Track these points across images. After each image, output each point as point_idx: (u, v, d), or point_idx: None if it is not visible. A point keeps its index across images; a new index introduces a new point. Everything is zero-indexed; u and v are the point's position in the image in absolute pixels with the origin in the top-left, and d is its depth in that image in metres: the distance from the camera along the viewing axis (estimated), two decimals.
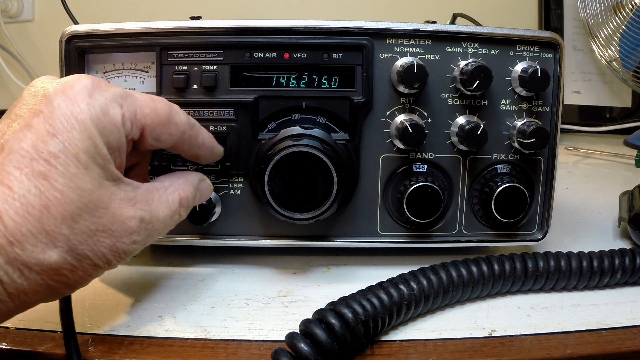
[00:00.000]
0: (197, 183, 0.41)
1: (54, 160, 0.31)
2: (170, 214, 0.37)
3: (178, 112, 0.38)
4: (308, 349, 0.34)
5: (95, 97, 0.33)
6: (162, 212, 0.37)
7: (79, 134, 0.32)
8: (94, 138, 0.32)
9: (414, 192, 0.46)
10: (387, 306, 0.38)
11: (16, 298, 0.30)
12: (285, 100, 0.47)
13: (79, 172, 0.31)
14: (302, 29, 0.46)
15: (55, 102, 0.32)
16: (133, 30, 0.47)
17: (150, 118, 0.36)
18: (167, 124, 0.37)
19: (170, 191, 0.38)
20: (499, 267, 0.44)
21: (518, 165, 0.49)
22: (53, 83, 0.34)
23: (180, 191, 0.39)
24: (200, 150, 0.42)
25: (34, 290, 0.31)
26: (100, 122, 0.33)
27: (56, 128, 0.31)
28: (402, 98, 0.48)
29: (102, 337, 0.38)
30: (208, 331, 0.40)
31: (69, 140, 0.31)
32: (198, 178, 0.41)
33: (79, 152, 0.32)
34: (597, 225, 0.60)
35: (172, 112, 0.38)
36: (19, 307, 0.31)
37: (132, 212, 0.34)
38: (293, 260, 0.51)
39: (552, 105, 0.49)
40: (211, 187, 0.44)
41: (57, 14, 1.00)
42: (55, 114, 0.32)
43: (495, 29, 0.48)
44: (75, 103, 0.32)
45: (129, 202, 0.34)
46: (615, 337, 0.39)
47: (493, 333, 0.40)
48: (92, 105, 0.33)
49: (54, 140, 0.31)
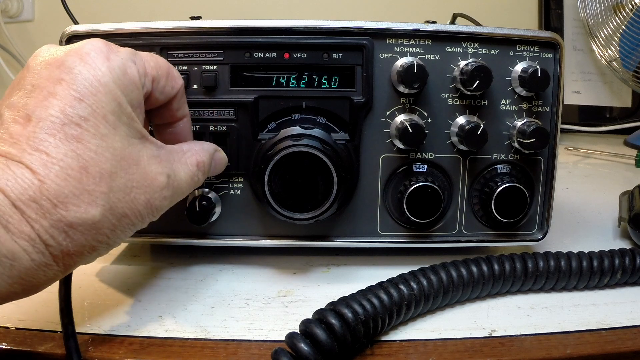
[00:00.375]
0: (212, 151, 0.43)
1: (84, 123, 0.32)
2: (191, 175, 0.39)
3: (173, 67, 0.41)
4: (308, 349, 0.34)
5: (112, 59, 0.35)
6: (183, 172, 0.38)
7: (104, 96, 0.33)
8: (118, 98, 0.34)
9: (414, 192, 0.46)
10: (387, 306, 0.38)
11: (60, 261, 0.31)
12: (285, 100, 0.47)
13: (109, 133, 0.33)
14: (302, 29, 0.46)
15: (76, 69, 0.33)
16: (133, 30, 0.47)
17: (156, 70, 0.38)
18: (169, 76, 0.39)
19: (189, 155, 0.40)
20: (499, 267, 0.44)
21: (518, 165, 0.49)
22: (64, 49, 0.35)
23: (197, 156, 0.40)
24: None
25: (78, 252, 0.32)
26: (122, 82, 0.34)
27: (82, 93, 0.32)
28: (402, 98, 0.48)
29: (102, 337, 0.38)
30: (208, 331, 0.40)
31: (96, 104, 0.33)
32: (214, 147, 0.43)
33: (107, 114, 0.33)
34: (597, 225, 0.60)
35: (170, 65, 0.40)
36: (63, 269, 0.32)
37: (160, 169, 0.36)
38: (293, 260, 0.51)
39: (552, 105, 0.49)
40: (225, 160, 0.45)
41: (57, 14, 1.00)
42: (78, 80, 0.33)
43: (495, 29, 0.48)
44: (96, 67, 0.34)
45: (155, 159, 0.36)
46: (615, 337, 0.39)
47: (493, 333, 0.40)
48: (112, 67, 0.34)
49: (82, 104, 0.32)
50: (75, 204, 0.31)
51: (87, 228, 0.32)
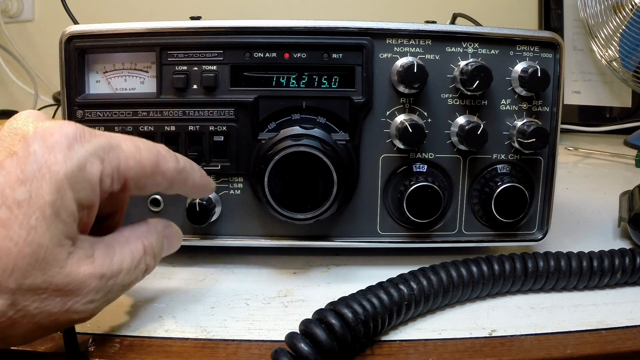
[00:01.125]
0: (161, 230, 0.38)
1: (16, 209, 0.29)
2: (135, 263, 0.35)
3: (166, 159, 0.36)
4: (308, 349, 0.34)
5: (74, 148, 0.31)
6: (126, 263, 0.34)
7: (48, 186, 0.30)
8: (63, 192, 0.30)
9: (414, 192, 0.46)
10: (387, 306, 0.38)
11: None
12: (285, 100, 0.47)
13: (38, 227, 0.29)
14: (302, 29, 0.46)
15: (32, 147, 0.31)
16: (133, 30, 0.47)
17: (134, 171, 0.34)
18: (153, 174, 0.35)
19: (132, 240, 0.35)
20: (499, 267, 0.44)
21: (518, 165, 0.49)
22: (35, 124, 0.32)
23: (143, 239, 0.36)
24: (190, 192, 0.40)
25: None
26: (75, 177, 0.31)
27: (26, 174, 0.30)
28: (402, 98, 0.48)
29: (102, 337, 0.38)
30: (208, 331, 0.40)
31: (37, 190, 0.30)
32: (162, 225, 0.38)
33: (45, 205, 0.30)
34: (597, 225, 0.60)
35: (159, 161, 0.36)
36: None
37: (91, 270, 0.32)
38: (293, 260, 0.51)
39: (552, 105, 0.49)
40: (180, 233, 0.40)
41: (57, 14, 1.00)
42: (30, 160, 0.30)
43: (495, 29, 0.48)
44: (52, 152, 0.31)
45: (88, 259, 0.32)
46: (615, 337, 0.39)
47: (493, 333, 0.40)
48: (70, 157, 0.31)
49: (22, 187, 0.29)
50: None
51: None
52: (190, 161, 0.39)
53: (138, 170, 0.34)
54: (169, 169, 0.36)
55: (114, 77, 0.48)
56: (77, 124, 0.33)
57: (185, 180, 0.38)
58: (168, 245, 0.39)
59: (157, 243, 0.37)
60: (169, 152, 0.37)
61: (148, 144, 0.36)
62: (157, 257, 0.37)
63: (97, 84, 0.48)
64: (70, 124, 0.32)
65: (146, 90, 0.48)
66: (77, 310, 0.31)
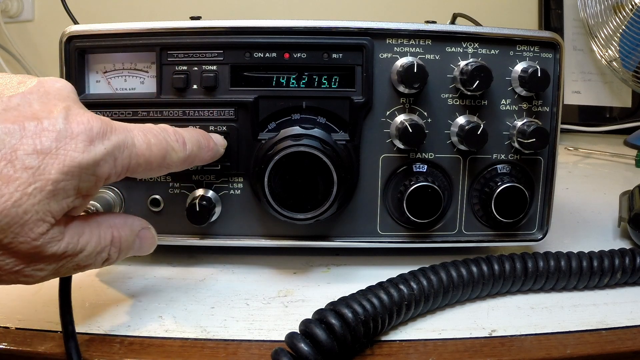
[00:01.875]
0: (136, 228, 0.38)
1: (20, 172, 0.30)
2: (98, 249, 0.34)
3: (174, 151, 0.38)
4: (308, 349, 0.34)
5: (95, 144, 0.32)
6: (90, 246, 0.34)
7: (59, 166, 0.31)
8: (70, 178, 0.31)
9: (414, 192, 0.46)
10: (387, 306, 0.38)
11: None
12: (285, 100, 0.47)
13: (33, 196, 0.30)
14: (302, 29, 0.46)
15: (58, 125, 0.31)
16: (133, 30, 0.47)
17: (142, 168, 0.35)
18: (159, 168, 0.37)
19: (104, 227, 0.35)
20: (499, 267, 0.44)
21: (518, 165, 0.49)
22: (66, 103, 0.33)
23: (114, 229, 0.36)
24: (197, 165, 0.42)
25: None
26: (87, 169, 0.32)
27: (44, 146, 0.31)
28: (402, 98, 0.48)
29: (102, 337, 0.38)
30: (208, 331, 0.40)
31: (47, 165, 0.30)
32: (139, 224, 0.38)
33: (49, 181, 0.30)
34: (597, 225, 0.60)
35: (167, 157, 0.37)
36: None
37: (55, 249, 0.32)
38: (293, 260, 0.51)
39: (552, 105, 0.49)
40: (155, 239, 0.40)
41: (57, 14, 1.00)
42: (52, 136, 0.31)
43: (495, 29, 0.48)
44: (75, 139, 0.32)
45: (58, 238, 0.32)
46: (615, 337, 0.39)
47: (493, 333, 0.40)
48: (89, 151, 0.32)
49: (34, 156, 0.30)
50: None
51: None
52: (197, 140, 0.40)
53: (145, 167, 0.36)
54: (174, 161, 0.38)
55: (114, 77, 0.48)
56: (102, 118, 0.34)
57: (191, 163, 0.40)
58: (139, 246, 0.38)
59: (128, 239, 0.37)
60: (177, 138, 0.38)
61: (159, 137, 0.37)
62: (123, 252, 0.37)
63: (97, 84, 0.48)
64: (97, 119, 0.33)
65: (146, 90, 0.48)
66: (25, 273, 0.31)
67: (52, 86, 0.34)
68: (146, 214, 0.48)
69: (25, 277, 0.32)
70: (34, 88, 0.33)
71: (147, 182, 0.48)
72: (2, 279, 0.31)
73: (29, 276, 0.32)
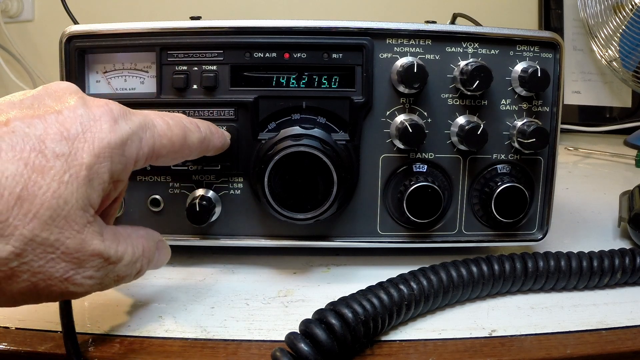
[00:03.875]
0: (157, 239, 0.38)
1: (53, 160, 0.29)
2: (134, 259, 0.34)
3: (192, 132, 0.38)
4: (308, 349, 0.34)
5: (119, 123, 0.32)
6: (128, 255, 0.34)
7: (90, 149, 0.30)
8: (102, 160, 0.31)
9: (414, 192, 0.46)
10: (387, 306, 0.38)
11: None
12: (285, 100, 0.47)
13: (70, 184, 0.29)
14: (302, 29, 0.46)
15: (79, 111, 0.31)
16: (133, 30, 0.47)
17: (166, 149, 0.36)
18: (181, 149, 0.37)
19: (134, 238, 0.35)
20: (499, 267, 0.44)
21: (518, 165, 0.49)
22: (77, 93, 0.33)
23: (143, 240, 0.36)
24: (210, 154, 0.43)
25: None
26: (116, 149, 0.32)
27: (70, 133, 0.30)
28: (402, 98, 0.48)
29: (102, 337, 0.38)
30: (208, 331, 0.40)
31: (77, 150, 0.30)
32: (157, 236, 0.38)
33: (82, 166, 0.30)
34: (597, 225, 0.60)
35: (187, 137, 0.37)
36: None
37: (101, 247, 0.31)
38: (293, 260, 0.51)
39: (552, 105, 0.49)
40: (169, 252, 0.40)
41: (57, 14, 1.00)
42: (76, 122, 0.31)
43: (495, 29, 0.48)
44: (98, 121, 0.31)
45: (100, 236, 0.32)
46: (615, 337, 0.39)
47: (493, 333, 0.40)
48: (114, 131, 0.32)
49: (63, 142, 0.30)
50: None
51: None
52: (207, 124, 0.41)
53: (169, 148, 0.36)
54: (194, 142, 0.38)
55: (114, 77, 0.48)
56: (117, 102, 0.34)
57: (207, 147, 0.41)
58: (157, 258, 0.38)
59: (152, 250, 0.37)
60: (191, 121, 0.39)
61: (175, 118, 0.37)
62: (150, 263, 0.37)
63: (97, 84, 0.48)
64: (113, 102, 0.33)
65: (146, 90, 0.48)
66: (75, 281, 0.31)
67: (58, 86, 0.34)
68: (146, 214, 0.49)
69: (74, 285, 0.31)
70: (41, 90, 0.33)
71: (147, 182, 0.48)
72: (52, 290, 0.30)
73: (78, 284, 0.31)
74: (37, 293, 0.30)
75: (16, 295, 0.29)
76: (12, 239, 0.28)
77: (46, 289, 0.30)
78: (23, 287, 0.29)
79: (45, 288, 0.30)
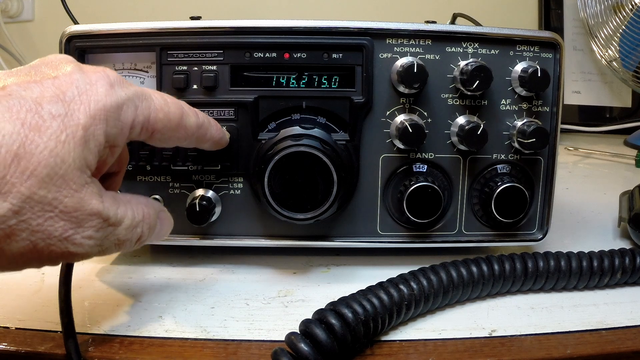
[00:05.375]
0: (158, 209, 0.38)
1: (50, 120, 0.29)
2: (134, 223, 0.34)
3: (188, 114, 0.38)
4: (308, 349, 0.34)
5: (115, 88, 0.33)
6: (128, 219, 0.34)
7: (86, 110, 0.31)
8: (98, 121, 0.31)
9: (414, 192, 0.46)
10: (387, 306, 0.38)
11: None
12: (285, 100, 0.47)
13: (67, 143, 0.29)
14: (302, 29, 0.46)
15: (75, 76, 0.32)
16: (133, 30, 0.47)
17: (162, 123, 0.36)
18: (177, 128, 0.37)
19: (134, 203, 0.35)
20: (499, 267, 0.44)
21: (518, 165, 0.49)
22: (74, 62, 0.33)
23: (143, 206, 0.36)
24: (208, 145, 0.42)
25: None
26: (112, 112, 0.32)
27: (66, 96, 0.30)
28: (402, 98, 0.48)
29: (102, 337, 0.38)
30: (208, 331, 0.40)
31: (73, 111, 0.30)
32: (159, 206, 0.38)
33: (79, 126, 0.30)
34: (597, 225, 0.60)
35: (184, 115, 0.37)
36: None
37: (100, 207, 0.31)
38: (293, 260, 0.51)
39: (552, 105, 0.49)
40: (172, 222, 0.40)
41: (57, 14, 1.00)
42: (72, 86, 0.31)
43: (495, 29, 0.48)
44: (94, 85, 0.32)
45: (99, 197, 0.32)
46: (615, 337, 0.39)
47: (493, 333, 0.40)
48: (110, 95, 0.32)
49: (59, 104, 0.30)
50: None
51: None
52: (207, 116, 0.41)
53: (166, 123, 0.36)
54: (191, 124, 0.38)
55: None
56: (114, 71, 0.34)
57: (204, 135, 0.41)
58: (159, 228, 0.38)
59: (153, 218, 0.37)
60: (190, 107, 0.39)
61: (173, 98, 0.38)
62: (151, 231, 0.36)
63: None
64: (110, 70, 0.34)
65: None
66: (75, 241, 0.30)
67: (55, 57, 0.34)
68: None
69: (74, 245, 0.30)
70: (38, 61, 0.34)
71: (148, 182, 0.48)
72: (52, 250, 0.30)
73: (78, 244, 0.31)
74: (37, 254, 0.30)
75: (16, 256, 0.29)
76: (10, 196, 0.28)
77: (46, 248, 0.30)
78: (22, 246, 0.29)
79: (45, 248, 0.30)
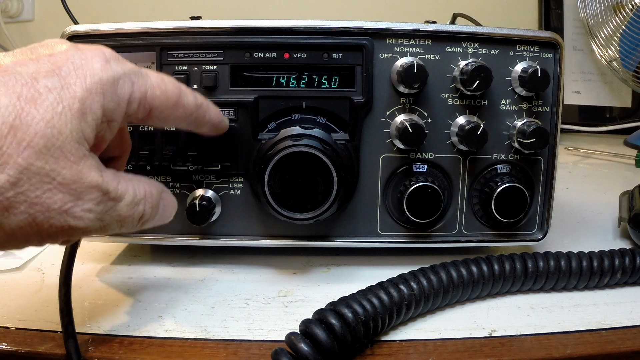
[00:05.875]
0: (161, 189, 0.37)
1: (45, 93, 0.29)
2: (136, 200, 0.34)
3: (186, 94, 0.38)
4: (308, 349, 0.34)
5: (111, 64, 0.33)
6: (129, 195, 0.33)
7: (82, 84, 0.31)
8: (94, 94, 0.31)
9: (414, 192, 0.46)
10: (387, 306, 0.38)
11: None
12: (285, 100, 0.47)
13: (63, 115, 0.29)
14: (302, 29, 0.46)
15: (70, 52, 0.32)
16: (133, 30, 0.47)
17: (160, 100, 0.35)
18: (175, 106, 0.36)
19: (136, 181, 0.35)
20: (499, 267, 0.44)
21: (518, 165, 0.49)
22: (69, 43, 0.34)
23: (145, 184, 0.35)
24: (207, 128, 0.41)
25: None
26: (108, 86, 0.32)
27: (62, 70, 0.30)
28: (402, 98, 0.48)
29: (102, 337, 0.38)
30: (208, 331, 0.40)
31: (69, 85, 0.30)
32: (162, 187, 0.38)
33: (75, 99, 0.30)
34: (597, 225, 0.60)
35: (181, 94, 0.37)
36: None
37: (99, 180, 0.31)
38: (293, 260, 0.51)
39: (552, 105, 0.49)
40: (175, 204, 0.39)
41: (57, 14, 1.00)
42: (67, 62, 0.31)
43: (495, 29, 0.48)
44: (90, 61, 0.32)
45: (98, 170, 0.31)
46: (615, 337, 0.39)
47: (493, 333, 0.40)
48: (106, 69, 0.32)
49: (55, 78, 0.30)
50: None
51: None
52: (206, 99, 0.40)
53: (163, 100, 0.35)
54: (189, 103, 0.38)
55: None
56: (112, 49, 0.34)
57: (203, 116, 0.40)
58: (162, 209, 0.37)
59: (156, 197, 0.36)
60: (188, 88, 0.39)
61: (171, 78, 0.37)
62: (154, 210, 0.36)
63: None
64: (106, 47, 0.34)
65: None
66: (75, 214, 0.30)
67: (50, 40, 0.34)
68: None
69: (74, 218, 0.30)
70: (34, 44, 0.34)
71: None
72: (52, 224, 0.30)
73: (78, 218, 0.30)
74: (36, 228, 0.29)
75: (16, 231, 0.29)
76: (7, 167, 0.28)
77: (45, 222, 0.29)
78: (21, 219, 0.29)
79: (44, 222, 0.29)
